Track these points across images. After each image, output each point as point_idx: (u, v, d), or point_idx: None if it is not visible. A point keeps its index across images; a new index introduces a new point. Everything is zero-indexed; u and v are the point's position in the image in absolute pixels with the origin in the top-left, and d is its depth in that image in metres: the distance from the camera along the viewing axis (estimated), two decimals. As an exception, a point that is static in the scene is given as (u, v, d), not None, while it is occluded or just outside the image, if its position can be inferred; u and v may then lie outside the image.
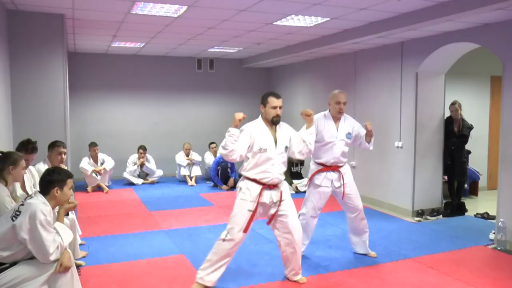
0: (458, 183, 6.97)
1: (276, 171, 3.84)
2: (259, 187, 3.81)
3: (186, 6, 5.10)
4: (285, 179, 4.28)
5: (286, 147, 3.93)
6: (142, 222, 6.12)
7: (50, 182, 3.11)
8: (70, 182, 3.20)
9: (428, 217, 6.44)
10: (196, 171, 9.32)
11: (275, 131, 3.89)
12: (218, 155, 9.11)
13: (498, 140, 5.42)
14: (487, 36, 5.38)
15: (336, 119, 4.60)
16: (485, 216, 6.47)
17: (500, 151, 5.30)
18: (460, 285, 4.03)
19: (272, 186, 3.86)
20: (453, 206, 6.75)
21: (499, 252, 5.02)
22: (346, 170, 4.64)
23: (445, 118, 6.79)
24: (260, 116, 3.97)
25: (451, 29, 5.65)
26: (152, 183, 9.17)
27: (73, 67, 8.84)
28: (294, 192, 8.19)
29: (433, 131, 6.64)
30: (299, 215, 4.70)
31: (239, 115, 3.75)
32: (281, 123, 3.95)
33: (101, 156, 8.53)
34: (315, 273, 4.26)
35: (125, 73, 9.76)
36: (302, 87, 9.63)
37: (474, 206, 7.16)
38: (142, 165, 9.06)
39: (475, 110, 8.03)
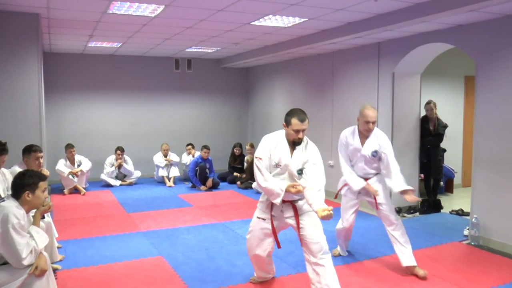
0: (434, 181, 7.08)
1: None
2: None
3: (163, 6, 5.07)
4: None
5: (300, 171, 3.53)
6: (120, 224, 6.05)
7: (21, 186, 3.05)
8: (42, 185, 3.14)
9: (405, 215, 6.54)
10: (175, 172, 9.27)
11: (294, 150, 3.55)
12: (196, 155, 9.09)
13: (472, 138, 5.53)
14: (460, 36, 5.48)
15: (363, 136, 4.40)
16: (460, 213, 6.61)
17: (473, 149, 5.41)
18: (436, 280, 4.11)
19: (284, 201, 3.53)
20: (429, 204, 6.87)
21: (473, 247, 5.14)
22: (374, 181, 4.43)
23: (420, 117, 6.91)
24: (283, 129, 3.62)
25: (426, 30, 5.75)
26: (130, 184, 9.07)
27: (49, 67, 8.70)
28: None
29: (409, 130, 6.73)
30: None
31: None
32: (309, 142, 3.61)
33: (78, 157, 8.39)
34: (294, 272, 4.29)
35: (102, 74, 9.64)
36: (280, 87, 9.67)
37: (449, 203, 7.30)
38: (119, 166, 8.97)
39: (450, 109, 8.19)
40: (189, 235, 5.53)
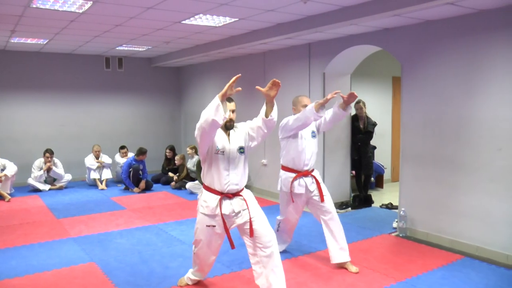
0: (365, 176, 7.37)
1: (233, 178, 3.46)
2: (217, 197, 3.46)
3: (91, 2, 4.90)
4: (197, 179, 3.81)
5: (241, 148, 3.51)
6: (49, 231, 5.76)
7: None
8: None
9: (338, 210, 6.72)
10: (107, 174, 8.99)
11: (229, 135, 3.53)
12: (129, 156, 8.88)
13: (399, 135, 5.80)
14: (387, 39, 5.73)
15: None
16: (389, 207, 6.92)
17: (400, 146, 5.68)
18: (367, 271, 4.29)
19: (231, 196, 3.48)
20: (360, 199, 7.13)
21: (401, 238, 5.40)
22: (317, 173, 4.49)
23: (351, 116, 7.15)
24: None
25: (355, 32, 5.95)
26: (60, 188, 8.69)
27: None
28: None
29: (341, 128, 6.95)
30: (277, 221, 4.69)
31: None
32: (237, 125, 3.61)
33: (1, 161, 7.89)
34: (228, 272, 4.29)
35: (27, 72, 9.15)
36: (212, 86, 9.65)
37: (379, 197, 7.62)
38: (49, 169, 8.54)
39: (379, 108, 8.54)
40: (122, 239, 5.39)
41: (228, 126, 3.50)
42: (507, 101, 4.47)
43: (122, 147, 9.35)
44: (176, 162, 9.00)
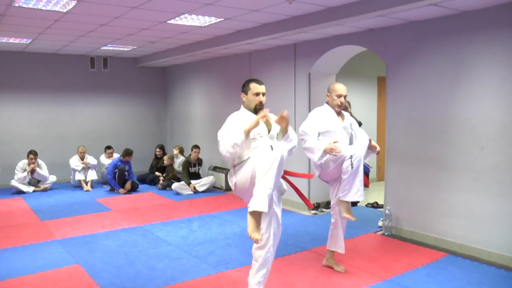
0: (350, 176, 7.39)
1: None
2: None
3: (75, 1, 4.85)
4: (183, 180, 3.67)
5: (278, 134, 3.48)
6: (33, 233, 5.68)
7: None
8: None
9: (324, 210, 6.77)
10: (92, 175, 8.90)
11: None
12: (114, 157, 8.82)
13: (385, 135, 5.84)
14: (372, 40, 5.77)
15: (337, 113, 4.22)
16: (375, 205, 6.97)
17: (386, 145, 5.73)
18: (353, 270, 4.33)
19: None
20: (346, 198, 7.15)
21: (387, 237, 5.45)
22: None
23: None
24: (241, 106, 3.53)
25: (340, 33, 5.97)
26: (45, 190, 8.59)
27: None
28: (192, 192, 8.18)
29: (326, 128, 6.96)
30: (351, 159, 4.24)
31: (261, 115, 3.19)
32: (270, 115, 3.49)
33: (-17, 163, 7.81)
34: (214, 272, 4.28)
35: (10, 72, 9.01)
36: (198, 86, 9.63)
37: (365, 196, 7.58)
38: (32, 171, 8.44)
39: (364, 108, 8.60)
40: (107, 241, 5.34)
41: (258, 109, 3.43)
42: (490, 101, 4.54)
43: (108, 148, 9.29)
44: (164, 162, 8.96)
